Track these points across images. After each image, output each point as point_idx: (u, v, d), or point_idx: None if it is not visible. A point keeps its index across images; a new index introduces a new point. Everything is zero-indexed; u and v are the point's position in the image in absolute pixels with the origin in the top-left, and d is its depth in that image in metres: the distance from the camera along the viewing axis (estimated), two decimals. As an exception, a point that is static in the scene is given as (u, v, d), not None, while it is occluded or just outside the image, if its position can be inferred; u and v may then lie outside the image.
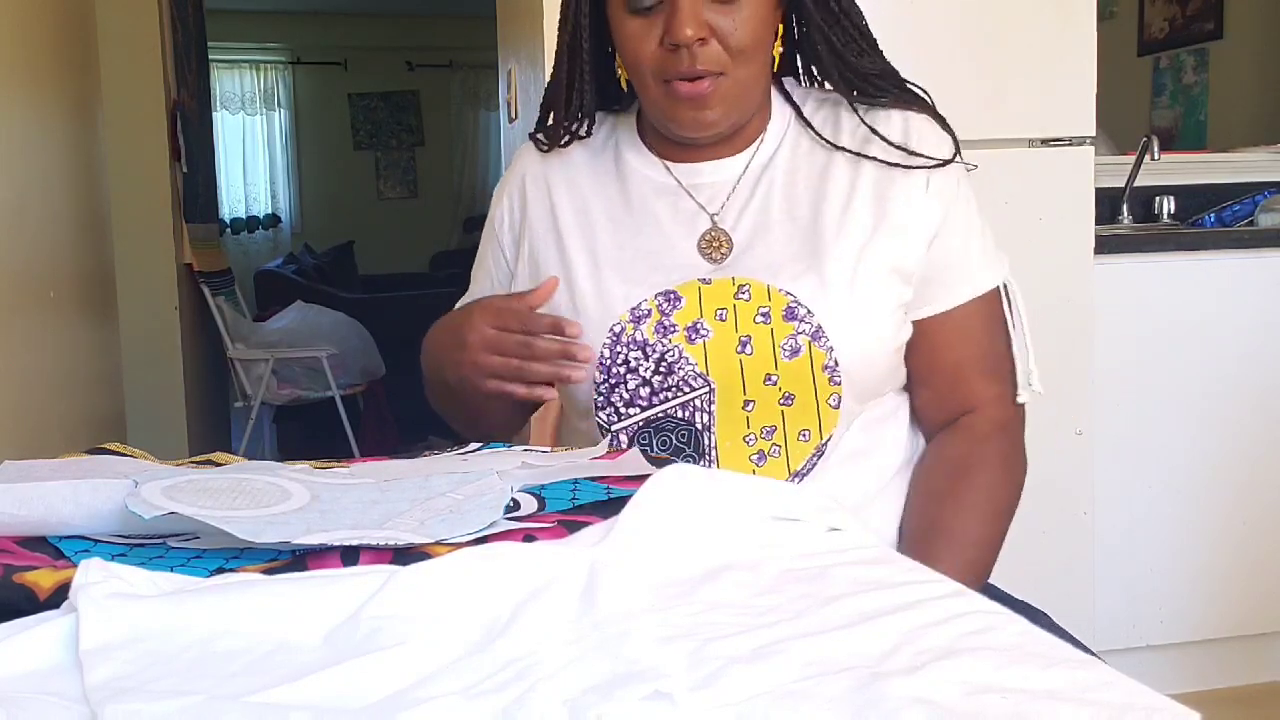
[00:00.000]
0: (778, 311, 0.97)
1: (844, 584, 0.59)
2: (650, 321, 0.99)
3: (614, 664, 0.47)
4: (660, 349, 0.98)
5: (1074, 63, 1.98)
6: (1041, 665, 0.48)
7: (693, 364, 0.98)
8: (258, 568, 0.59)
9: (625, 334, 0.99)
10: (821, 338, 0.96)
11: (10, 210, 1.92)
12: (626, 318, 1.00)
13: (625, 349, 0.99)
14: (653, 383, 0.99)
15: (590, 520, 0.66)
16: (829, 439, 0.99)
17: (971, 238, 1.03)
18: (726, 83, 0.96)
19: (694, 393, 0.98)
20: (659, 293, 1.00)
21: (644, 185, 1.05)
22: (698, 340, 0.98)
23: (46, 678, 0.48)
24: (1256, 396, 2.23)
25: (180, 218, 3.59)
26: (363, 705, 0.45)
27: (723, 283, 0.99)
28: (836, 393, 0.97)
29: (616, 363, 1.00)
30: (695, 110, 0.96)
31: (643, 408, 1.00)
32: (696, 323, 0.98)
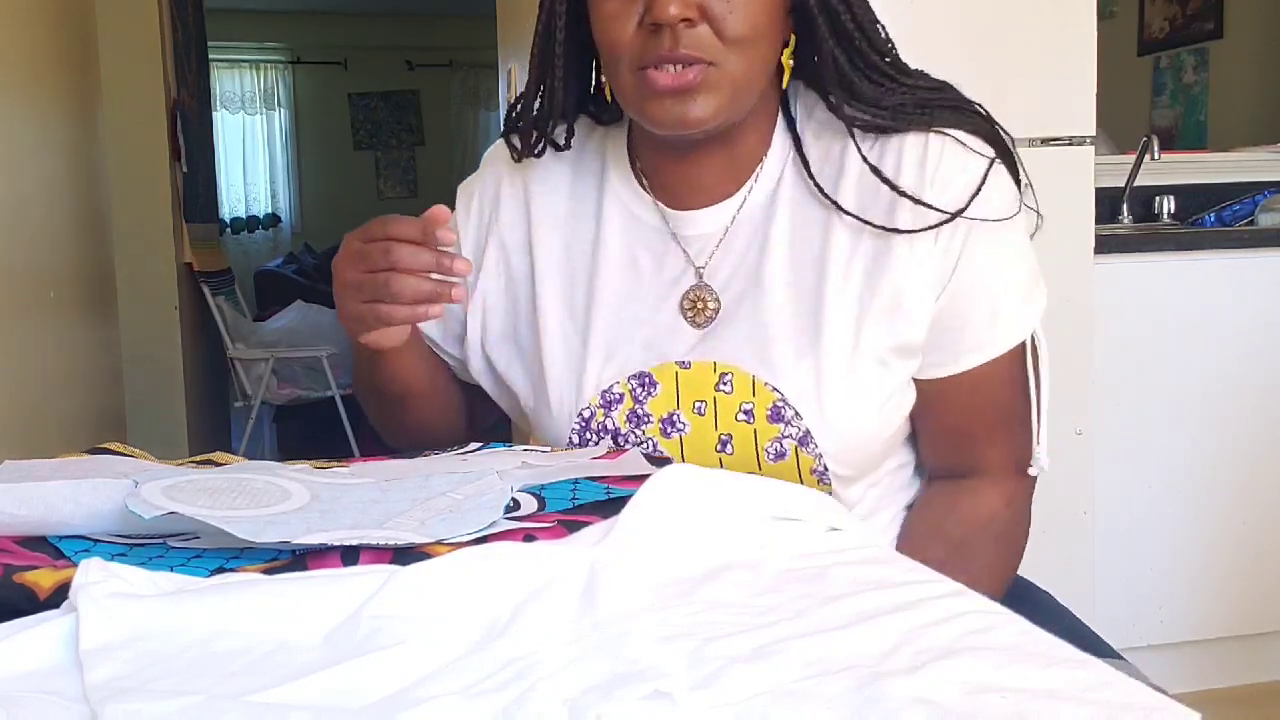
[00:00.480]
0: (762, 410, 0.86)
1: (844, 584, 0.59)
2: (622, 408, 0.89)
3: (614, 664, 0.47)
4: (632, 441, 0.89)
5: (1074, 62, 1.98)
6: (1041, 665, 0.48)
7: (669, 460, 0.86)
8: (258, 568, 0.59)
9: (595, 420, 0.90)
10: (809, 443, 0.86)
11: (10, 210, 1.92)
12: (597, 401, 0.90)
13: (595, 436, 0.90)
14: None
15: (590, 520, 0.66)
16: None
17: (994, 292, 0.87)
18: (716, 74, 0.81)
19: None
20: (633, 375, 0.89)
21: (630, 227, 0.93)
22: (673, 434, 0.88)
23: (46, 677, 0.48)
24: (1256, 396, 2.23)
25: (180, 217, 3.59)
26: (363, 705, 0.45)
27: (703, 368, 0.88)
28: (825, 490, 0.87)
29: (584, 447, 0.90)
30: (677, 105, 0.81)
31: None
32: (672, 415, 0.88)
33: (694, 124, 0.83)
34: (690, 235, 0.91)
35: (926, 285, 0.86)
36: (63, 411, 2.26)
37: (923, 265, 0.86)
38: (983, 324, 0.88)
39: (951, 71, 0.98)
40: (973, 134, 0.87)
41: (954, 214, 0.84)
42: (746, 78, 0.83)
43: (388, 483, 0.72)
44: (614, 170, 0.94)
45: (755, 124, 0.90)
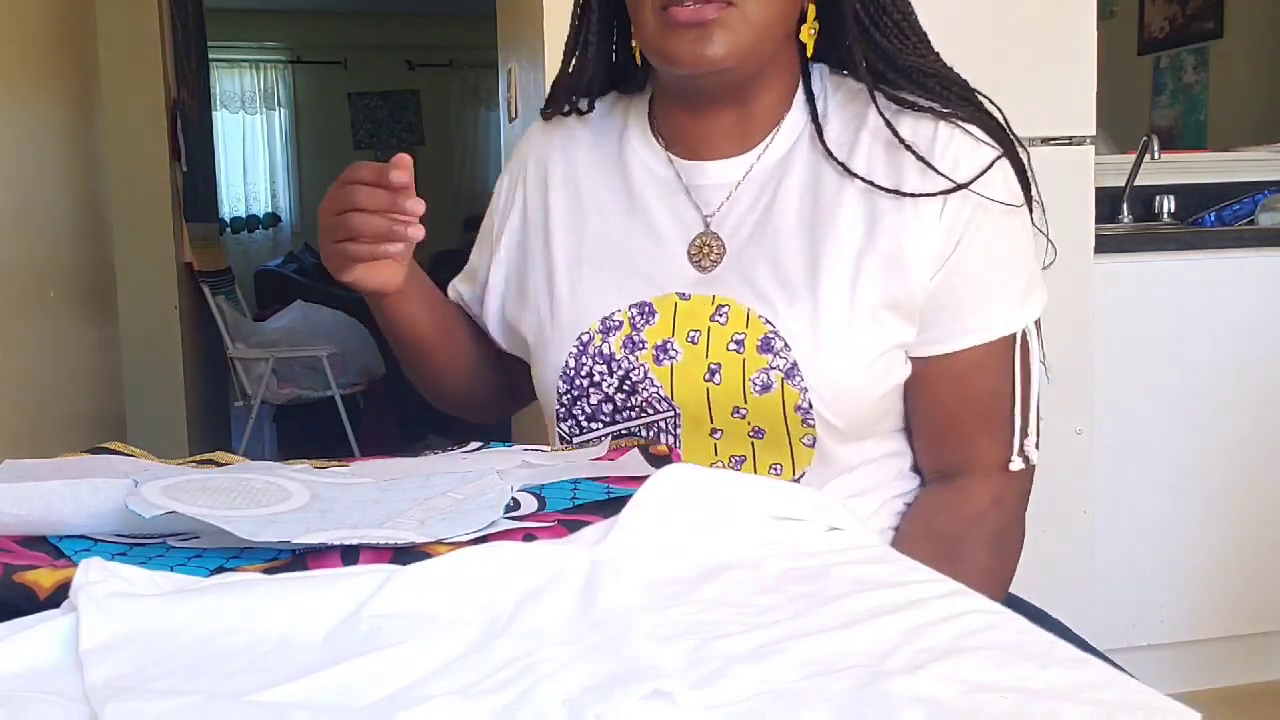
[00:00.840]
0: (753, 341, 0.89)
1: (844, 583, 0.59)
2: (619, 335, 0.93)
3: (614, 663, 0.47)
4: (625, 366, 0.92)
5: (1074, 62, 1.98)
6: (1041, 664, 0.48)
7: (657, 385, 0.91)
8: (258, 567, 0.59)
9: (592, 345, 0.93)
10: (795, 376, 0.88)
11: (10, 209, 1.92)
12: (596, 327, 0.94)
13: (590, 360, 0.93)
14: (615, 400, 0.93)
15: (590, 519, 0.66)
16: (802, 475, 0.92)
17: (993, 277, 0.90)
18: (735, 15, 0.85)
19: (658, 415, 0.92)
20: (634, 304, 0.93)
21: (644, 177, 0.98)
22: (665, 362, 0.91)
23: (46, 677, 0.48)
24: (1257, 395, 2.23)
25: (180, 217, 3.59)
26: (363, 704, 0.45)
27: (701, 300, 0.91)
28: (810, 434, 0.89)
29: (580, 374, 0.94)
30: (696, 41, 0.85)
31: (605, 423, 0.94)
32: (666, 342, 0.91)
33: (710, 62, 0.86)
34: (700, 185, 0.96)
35: (928, 256, 0.89)
36: (62, 411, 2.26)
37: (926, 233, 0.89)
38: (977, 307, 0.90)
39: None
40: (985, 130, 0.91)
41: (960, 185, 0.87)
42: (763, 22, 0.87)
43: (387, 482, 0.72)
44: (634, 128, 1.00)
45: (771, 86, 0.94)
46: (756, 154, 0.95)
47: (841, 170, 0.91)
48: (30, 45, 2.11)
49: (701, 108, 0.94)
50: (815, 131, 0.93)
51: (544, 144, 1.04)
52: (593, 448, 0.88)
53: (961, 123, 0.90)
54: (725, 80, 0.90)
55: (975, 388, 0.92)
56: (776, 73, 0.94)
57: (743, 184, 0.95)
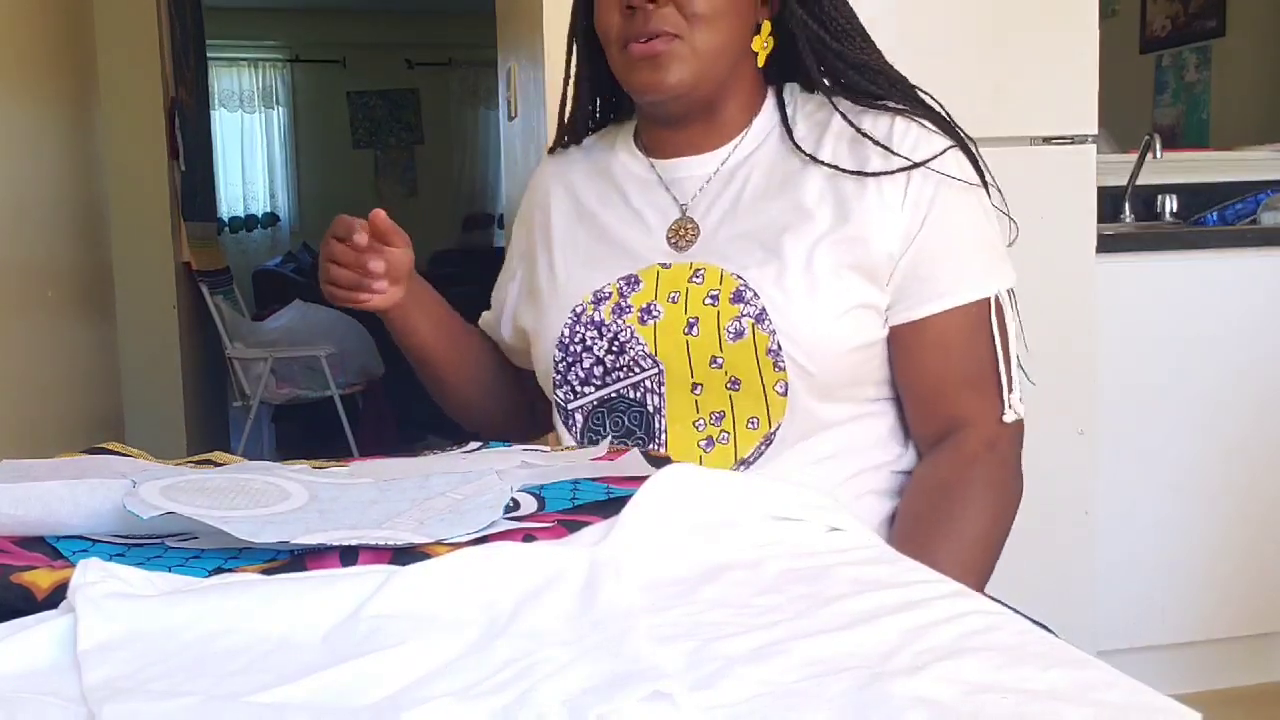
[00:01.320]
0: (726, 294, 0.98)
1: (844, 584, 0.59)
2: (609, 303, 1.02)
3: (614, 664, 0.47)
4: (614, 329, 1.01)
5: (1076, 60, 1.97)
6: (1042, 665, 0.48)
7: (643, 344, 1.00)
8: (256, 568, 0.59)
9: (585, 314, 1.03)
10: (765, 320, 0.96)
11: (8, 209, 1.92)
12: (589, 299, 1.04)
13: (583, 328, 1.03)
14: (605, 362, 1.02)
15: (590, 520, 0.66)
16: (777, 428, 0.98)
17: (961, 248, 0.99)
18: (682, 47, 0.98)
19: (644, 373, 1.00)
20: (621, 277, 1.03)
21: (628, 180, 1.10)
22: (649, 321, 1.00)
23: (44, 678, 0.48)
24: (1259, 395, 2.23)
25: (178, 216, 3.59)
26: (362, 705, 0.45)
27: (680, 267, 1.01)
28: (782, 379, 0.97)
29: (574, 341, 1.03)
30: (650, 71, 0.99)
31: (596, 386, 1.02)
32: (650, 304, 1.00)
33: (665, 89, 0.99)
34: (675, 179, 1.07)
35: (895, 234, 0.98)
36: (60, 411, 2.26)
37: (891, 213, 0.98)
38: (948, 274, 0.99)
39: (953, 69, 0.99)
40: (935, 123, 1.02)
41: (919, 162, 0.97)
42: (711, 50, 0.99)
43: (386, 483, 0.72)
44: (621, 145, 1.13)
45: (734, 97, 1.05)
46: (728, 150, 1.06)
47: (807, 159, 1.01)
48: (28, 44, 2.11)
49: (673, 122, 1.06)
50: (785, 132, 1.04)
51: (548, 174, 1.17)
52: (592, 447, 0.88)
53: (915, 118, 1.01)
54: (686, 102, 1.02)
55: (958, 351, 1.00)
56: (740, 85, 1.05)
57: (715, 176, 1.06)
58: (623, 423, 1.02)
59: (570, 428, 1.05)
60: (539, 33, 1.87)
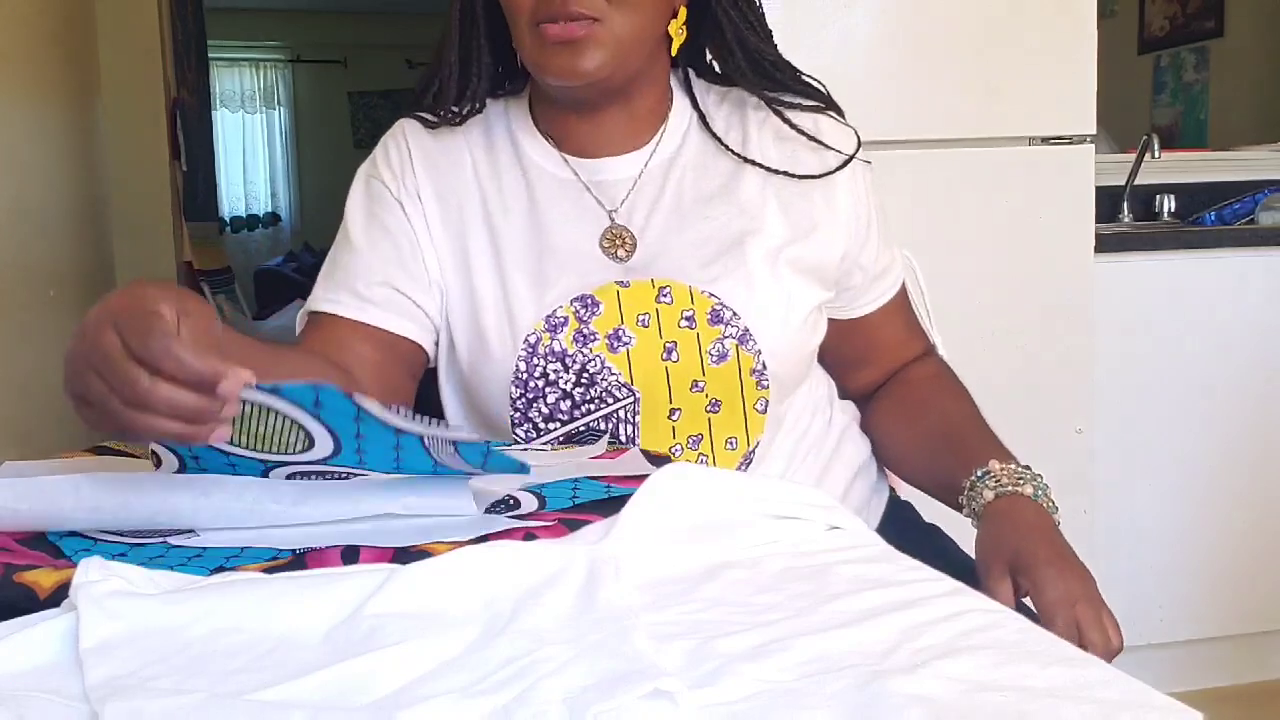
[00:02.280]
0: (702, 315, 0.93)
1: (844, 582, 0.59)
2: (568, 330, 0.93)
3: (614, 662, 0.47)
4: (581, 359, 0.93)
5: (1074, 60, 1.97)
6: (1041, 663, 0.48)
7: (616, 374, 0.93)
8: (258, 566, 0.59)
9: (542, 344, 0.93)
10: (749, 340, 0.93)
11: (10, 209, 1.92)
12: (542, 326, 0.93)
13: (543, 361, 0.93)
14: (574, 395, 0.93)
15: (590, 519, 0.66)
16: (756, 446, 0.96)
17: (888, 236, 1.05)
18: (602, 30, 0.90)
19: (617, 404, 0.93)
20: (574, 298, 0.94)
21: (544, 179, 0.99)
22: (620, 349, 0.93)
23: (47, 676, 0.48)
24: (1257, 395, 2.23)
25: (180, 216, 3.59)
26: (362, 703, 0.45)
27: (642, 286, 0.94)
28: (764, 397, 0.95)
29: (534, 376, 0.93)
30: (568, 56, 0.90)
31: (563, 421, 0.94)
32: (618, 330, 0.93)
33: (581, 74, 0.91)
34: (600, 182, 0.99)
35: (842, 234, 0.99)
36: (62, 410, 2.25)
37: (837, 214, 0.99)
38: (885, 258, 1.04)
39: (951, 69, 0.99)
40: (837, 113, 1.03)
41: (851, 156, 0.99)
42: (630, 35, 0.92)
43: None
44: (521, 133, 1.01)
45: (651, 86, 1.00)
46: (650, 149, 1.00)
47: (738, 159, 0.99)
48: (30, 44, 2.11)
49: (587, 112, 0.98)
50: (701, 123, 1.01)
51: (431, 141, 1.00)
52: (591, 446, 0.88)
53: (826, 110, 1.01)
54: (601, 89, 0.95)
55: (903, 312, 1.09)
56: (655, 72, 1.00)
57: (642, 177, 0.99)
58: None
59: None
60: (539, 33, 1.87)
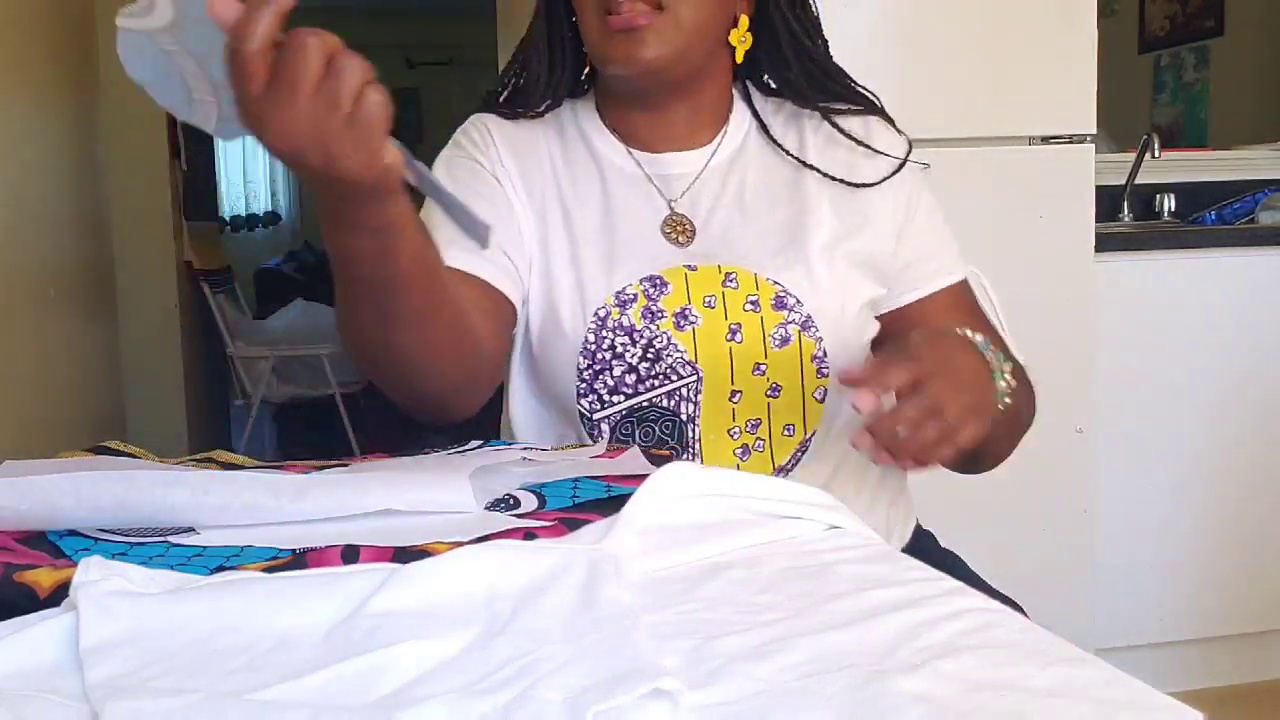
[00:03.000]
0: (766, 300, 0.96)
1: (844, 582, 0.59)
2: (636, 306, 0.96)
3: (614, 662, 0.47)
4: (648, 335, 0.96)
5: (1074, 60, 1.97)
6: (1041, 663, 0.48)
7: (681, 350, 0.96)
8: (258, 566, 0.59)
9: (611, 318, 0.96)
10: (811, 327, 0.96)
11: (10, 208, 1.92)
12: (612, 301, 0.97)
13: (611, 334, 0.96)
14: (639, 370, 0.96)
15: (591, 518, 0.66)
16: (813, 435, 0.98)
17: (937, 232, 1.04)
18: (665, 21, 0.93)
19: (681, 381, 0.96)
20: (643, 277, 0.97)
21: (612, 171, 1.03)
22: (686, 327, 0.96)
23: (47, 676, 0.48)
24: (1257, 394, 2.23)
25: (180, 215, 3.59)
26: (362, 703, 0.45)
27: (708, 270, 0.98)
28: (823, 385, 0.97)
29: (601, 348, 0.96)
30: (630, 44, 0.93)
31: (627, 395, 0.96)
32: (684, 309, 0.96)
33: (642, 63, 0.94)
34: (664, 175, 1.03)
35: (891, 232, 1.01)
36: (62, 409, 2.26)
37: (888, 214, 1.01)
38: (935, 254, 1.03)
39: (952, 68, 1.00)
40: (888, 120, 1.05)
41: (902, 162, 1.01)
42: (693, 27, 0.95)
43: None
44: (589, 128, 1.06)
45: (711, 85, 1.03)
46: (713, 147, 1.04)
47: (797, 164, 1.02)
48: (30, 45, 2.11)
49: (651, 106, 1.02)
50: (763, 132, 1.04)
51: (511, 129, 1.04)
52: (591, 445, 0.88)
53: (874, 116, 1.04)
54: (662, 80, 0.98)
55: (958, 314, 1.01)
56: (715, 73, 1.03)
57: (705, 173, 1.03)
58: (654, 432, 0.97)
59: (595, 438, 0.98)
60: (539, 32, 1.87)
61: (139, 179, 3.35)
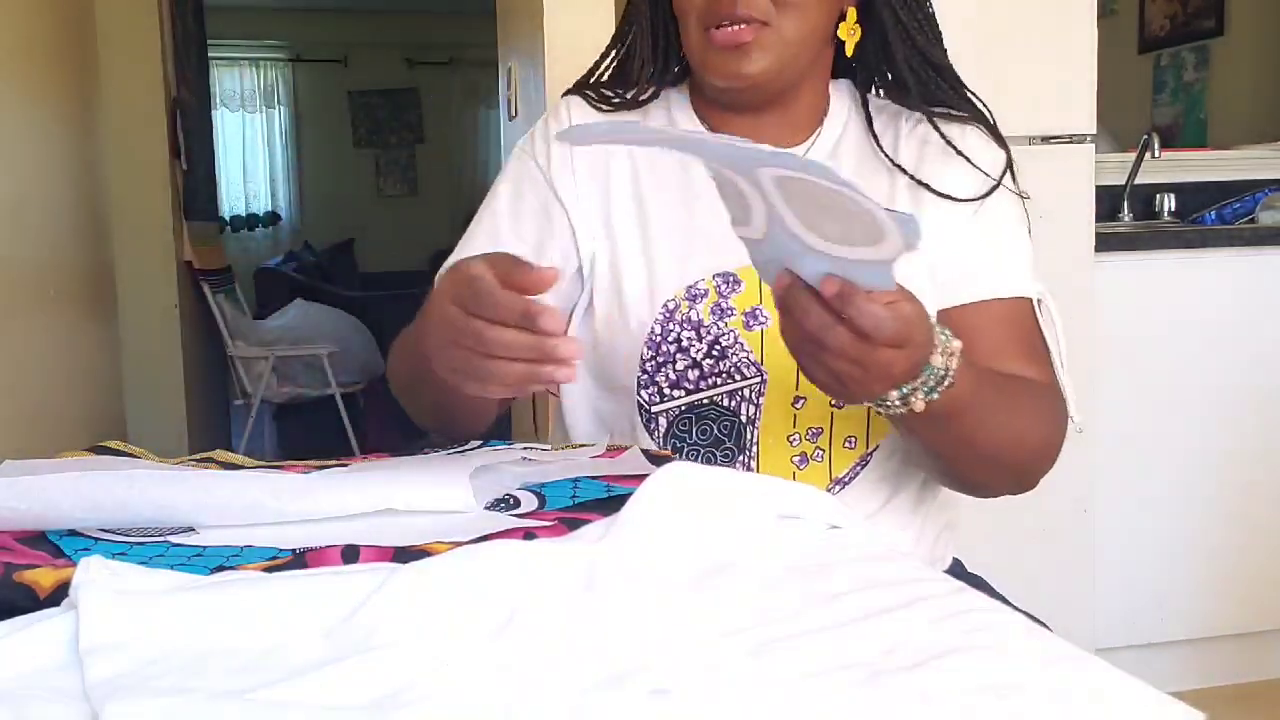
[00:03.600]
0: None
1: (845, 582, 0.59)
2: (706, 302, 0.94)
3: (614, 662, 0.47)
4: (715, 331, 0.93)
5: (1074, 60, 1.98)
6: (1042, 662, 0.48)
7: (747, 350, 0.93)
8: (258, 566, 0.59)
9: (679, 311, 0.94)
10: None
11: (10, 208, 1.92)
12: (682, 294, 0.94)
13: (678, 327, 0.94)
14: (703, 366, 0.94)
15: (591, 518, 0.66)
16: (874, 450, 0.95)
17: (1004, 244, 0.98)
18: (769, 35, 0.91)
19: (744, 381, 0.93)
20: (717, 273, 0.94)
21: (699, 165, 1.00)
22: (755, 327, 0.93)
23: (47, 675, 0.48)
24: (1257, 394, 2.23)
25: (180, 215, 3.59)
26: (362, 703, 0.45)
27: None
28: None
29: (667, 340, 0.94)
30: (734, 60, 0.91)
31: (688, 391, 0.94)
32: (755, 309, 0.93)
33: (746, 78, 0.92)
34: None
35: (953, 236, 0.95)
36: (62, 409, 2.26)
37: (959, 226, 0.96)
38: (993, 265, 0.96)
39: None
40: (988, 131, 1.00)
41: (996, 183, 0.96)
42: (798, 39, 0.92)
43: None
44: (681, 118, 1.02)
45: (810, 88, 0.99)
46: (806, 147, 0.99)
47: (891, 165, 0.97)
48: (30, 45, 2.11)
49: (747, 110, 0.99)
50: (867, 129, 0.99)
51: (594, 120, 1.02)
52: (591, 445, 0.88)
53: (975, 124, 0.99)
54: (764, 92, 0.95)
55: (1010, 328, 0.96)
56: (818, 75, 0.99)
57: None
58: (711, 431, 0.95)
59: (652, 432, 0.96)
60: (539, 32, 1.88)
61: (139, 179, 3.35)
